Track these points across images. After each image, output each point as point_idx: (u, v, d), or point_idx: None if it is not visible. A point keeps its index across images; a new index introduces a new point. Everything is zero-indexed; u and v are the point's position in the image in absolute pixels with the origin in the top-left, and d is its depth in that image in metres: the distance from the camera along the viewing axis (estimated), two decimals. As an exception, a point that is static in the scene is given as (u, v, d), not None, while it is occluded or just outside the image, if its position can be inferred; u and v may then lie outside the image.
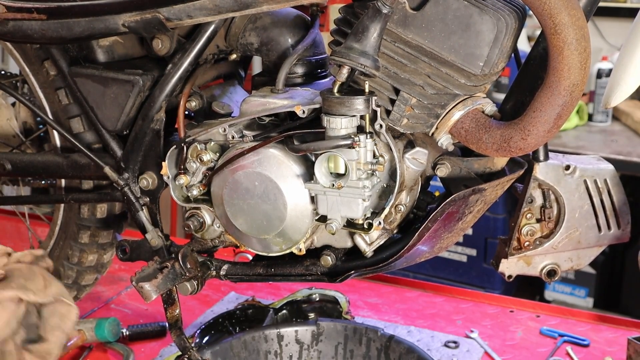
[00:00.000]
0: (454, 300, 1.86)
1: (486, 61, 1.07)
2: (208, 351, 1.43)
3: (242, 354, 1.45)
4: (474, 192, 1.17)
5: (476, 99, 1.12)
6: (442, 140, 1.13)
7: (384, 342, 1.39)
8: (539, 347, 1.63)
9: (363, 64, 1.05)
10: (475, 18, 1.05)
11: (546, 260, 1.32)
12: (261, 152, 1.20)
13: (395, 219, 1.23)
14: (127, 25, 1.24)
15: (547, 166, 1.26)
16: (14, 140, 1.73)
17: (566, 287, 3.42)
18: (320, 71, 1.34)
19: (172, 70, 1.30)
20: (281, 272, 1.31)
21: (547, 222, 1.29)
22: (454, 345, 1.62)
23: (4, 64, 3.24)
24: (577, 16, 1.00)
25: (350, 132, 1.11)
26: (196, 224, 1.31)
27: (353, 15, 1.13)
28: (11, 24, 1.32)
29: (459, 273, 3.27)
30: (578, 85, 1.03)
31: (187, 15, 1.20)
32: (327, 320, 1.48)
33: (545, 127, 1.06)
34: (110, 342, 1.60)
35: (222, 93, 1.43)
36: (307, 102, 1.18)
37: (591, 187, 1.28)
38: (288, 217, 1.20)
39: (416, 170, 1.21)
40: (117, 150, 1.39)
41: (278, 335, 1.47)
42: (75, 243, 1.58)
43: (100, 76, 1.36)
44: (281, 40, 1.31)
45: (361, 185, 1.12)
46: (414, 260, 1.29)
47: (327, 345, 1.45)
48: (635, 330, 1.67)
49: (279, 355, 1.47)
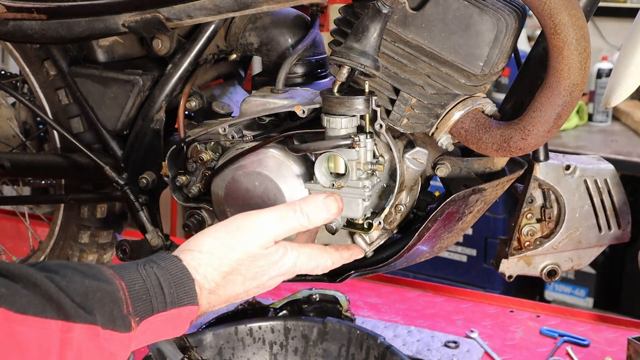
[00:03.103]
0: (454, 300, 1.86)
1: (486, 61, 1.07)
2: (210, 333, 1.43)
3: (246, 340, 1.46)
4: (474, 192, 1.17)
5: (476, 99, 1.12)
6: (442, 140, 1.13)
7: (381, 351, 1.39)
8: (539, 347, 1.63)
9: (363, 64, 1.05)
10: (475, 18, 1.05)
11: (546, 260, 1.32)
12: (261, 152, 1.20)
13: (395, 219, 1.23)
14: (127, 25, 1.24)
15: (547, 166, 1.26)
16: (14, 140, 1.73)
17: (566, 287, 3.42)
18: (320, 71, 1.34)
19: (172, 70, 1.30)
20: (281, 272, 1.31)
21: (548, 222, 1.29)
22: (454, 345, 1.62)
23: (4, 64, 3.24)
24: (577, 16, 1.00)
25: (350, 132, 1.11)
26: (196, 223, 1.31)
27: (353, 15, 1.13)
28: (11, 24, 1.32)
29: (459, 273, 3.27)
30: (578, 85, 1.03)
31: (187, 15, 1.20)
32: (334, 320, 1.48)
33: (545, 127, 1.05)
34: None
35: (222, 93, 1.43)
36: (307, 102, 1.18)
37: (591, 187, 1.28)
38: (288, 217, 1.20)
39: (416, 170, 1.21)
40: (117, 150, 1.39)
41: (285, 327, 1.47)
42: (75, 243, 1.58)
43: (100, 76, 1.36)
44: (281, 40, 1.31)
45: (361, 185, 1.12)
46: (414, 260, 1.29)
47: (332, 344, 1.46)
48: (635, 330, 1.67)
49: (284, 347, 1.47)
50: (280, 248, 0.98)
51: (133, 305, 0.85)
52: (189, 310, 0.90)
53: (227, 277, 0.94)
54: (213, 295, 0.94)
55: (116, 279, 0.86)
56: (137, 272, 0.88)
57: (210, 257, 0.94)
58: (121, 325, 0.84)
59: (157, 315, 0.87)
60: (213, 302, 0.95)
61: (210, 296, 0.94)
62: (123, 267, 0.88)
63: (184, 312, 0.90)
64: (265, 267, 0.97)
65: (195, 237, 0.96)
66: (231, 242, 0.95)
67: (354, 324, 1.52)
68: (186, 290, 0.90)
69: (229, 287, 0.95)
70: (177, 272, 0.90)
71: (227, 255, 0.94)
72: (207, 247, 0.94)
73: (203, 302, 0.93)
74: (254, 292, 0.99)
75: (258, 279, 0.97)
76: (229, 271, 0.94)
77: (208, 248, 0.94)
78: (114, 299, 0.84)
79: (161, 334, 0.90)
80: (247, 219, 0.97)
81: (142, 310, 0.86)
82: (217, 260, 0.94)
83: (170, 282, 0.89)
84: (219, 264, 0.93)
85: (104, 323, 0.82)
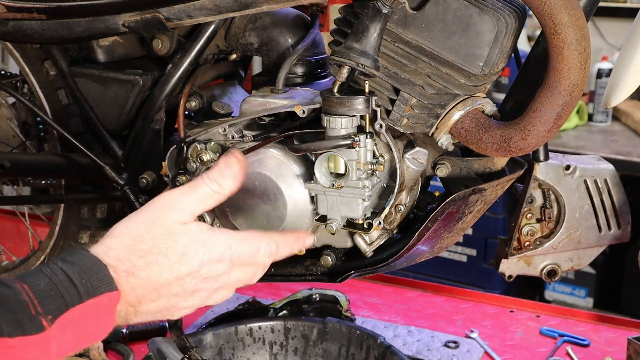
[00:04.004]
0: (454, 300, 1.86)
1: (486, 61, 1.07)
2: (210, 333, 1.43)
3: (246, 340, 1.46)
4: (474, 192, 1.17)
5: (476, 99, 1.12)
6: (442, 140, 1.13)
7: (381, 351, 1.39)
8: (539, 347, 1.63)
9: (363, 64, 1.05)
10: (475, 18, 1.05)
11: (546, 260, 1.32)
12: (261, 152, 1.20)
13: (395, 219, 1.23)
14: (127, 25, 1.24)
15: (547, 166, 1.26)
16: (14, 140, 1.73)
17: (566, 287, 3.42)
18: (320, 71, 1.34)
19: (172, 70, 1.30)
20: (281, 272, 1.31)
21: (547, 222, 1.29)
22: (454, 345, 1.62)
23: (4, 64, 3.24)
24: (577, 16, 1.00)
25: (350, 132, 1.11)
26: (196, 224, 1.31)
27: (353, 15, 1.13)
28: (11, 24, 1.32)
29: (459, 273, 3.27)
30: (578, 85, 1.03)
31: (187, 15, 1.20)
32: (334, 320, 1.48)
33: (545, 127, 1.06)
34: (110, 342, 1.60)
35: (222, 93, 1.43)
36: (307, 102, 1.18)
37: (591, 187, 1.28)
38: (288, 217, 1.20)
39: (416, 170, 1.21)
40: (117, 150, 1.39)
41: (285, 327, 1.47)
42: (75, 243, 1.58)
43: (100, 76, 1.36)
44: (281, 40, 1.31)
45: (361, 185, 1.12)
46: (414, 260, 1.29)
47: (332, 344, 1.46)
48: (635, 330, 1.67)
49: (284, 347, 1.47)
50: (204, 227, 0.92)
51: (41, 304, 0.80)
52: (108, 298, 0.84)
53: (146, 257, 0.88)
54: (133, 277, 0.87)
55: (17, 283, 0.81)
56: (41, 272, 0.83)
57: (122, 238, 0.89)
58: (31, 327, 0.78)
59: (73, 310, 0.82)
60: (137, 287, 0.88)
61: (131, 279, 0.87)
62: (25, 272, 0.83)
63: (103, 301, 0.84)
64: (190, 248, 0.90)
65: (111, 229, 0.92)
66: (144, 219, 0.90)
67: (354, 324, 1.52)
68: (100, 277, 0.84)
69: (153, 270, 0.88)
70: (86, 262, 0.85)
71: (140, 233, 0.89)
72: (118, 231, 0.90)
73: (125, 287, 0.87)
74: (191, 283, 0.91)
75: (188, 263, 0.90)
76: (147, 249, 0.88)
77: (120, 231, 0.90)
78: (17, 302, 0.79)
79: (85, 328, 0.84)
80: (160, 196, 0.93)
81: (53, 307, 0.81)
82: (130, 240, 0.89)
83: (81, 274, 0.83)
84: (132, 243, 0.88)
85: (10, 332, 0.77)
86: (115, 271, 0.86)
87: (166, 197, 0.93)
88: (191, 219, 0.92)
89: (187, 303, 0.93)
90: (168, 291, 0.90)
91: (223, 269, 0.93)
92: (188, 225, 0.92)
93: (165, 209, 0.91)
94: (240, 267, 0.95)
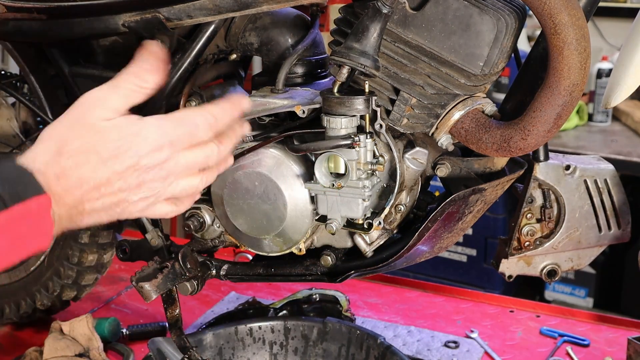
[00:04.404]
0: (454, 300, 1.86)
1: (486, 61, 1.07)
2: (210, 333, 1.43)
3: (246, 340, 1.46)
4: (474, 192, 1.17)
5: (476, 99, 1.12)
6: (442, 140, 1.13)
7: (381, 351, 1.39)
8: (539, 347, 1.63)
9: (363, 64, 1.05)
10: (475, 18, 1.05)
11: (546, 260, 1.32)
12: (261, 152, 1.20)
13: (395, 219, 1.23)
14: (127, 25, 1.24)
15: (547, 166, 1.26)
16: (14, 140, 1.73)
17: (566, 287, 3.42)
18: (320, 71, 1.34)
19: (172, 70, 1.30)
20: (281, 272, 1.31)
21: (547, 222, 1.29)
22: (454, 345, 1.62)
23: (4, 64, 3.24)
24: (577, 16, 1.00)
25: (350, 132, 1.11)
26: (196, 224, 1.31)
27: (353, 15, 1.13)
28: (11, 24, 1.32)
29: (459, 273, 3.27)
30: (578, 85, 1.03)
31: (187, 15, 1.20)
32: (334, 320, 1.48)
33: (545, 127, 1.06)
34: (110, 342, 1.60)
35: (222, 93, 1.43)
36: (307, 102, 1.18)
37: (591, 187, 1.28)
38: (288, 217, 1.20)
39: (416, 170, 1.21)
40: (117, 150, 1.39)
41: (285, 327, 1.47)
42: (75, 243, 1.58)
43: (100, 76, 1.36)
44: (281, 40, 1.31)
45: (361, 185, 1.12)
46: (414, 260, 1.29)
47: (332, 344, 1.46)
48: (635, 330, 1.67)
49: (284, 347, 1.47)
50: (133, 118, 0.90)
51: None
52: (37, 202, 0.82)
53: (75, 157, 0.85)
54: (65, 179, 0.84)
55: None
56: None
57: (47, 144, 0.86)
58: None
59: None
60: (72, 188, 0.85)
61: (63, 181, 0.84)
62: None
63: (32, 205, 0.81)
64: (122, 142, 0.87)
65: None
66: (67, 122, 0.88)
67: (354, 324, 1.52)
68: (26, 182, 0.82)
69: (85, 169, 0.85)
70: (10, 171, 0.82)
71: (65, 136, 0.86)
72: (44, 137, 0.87)
73: (57, 190, 0.84)
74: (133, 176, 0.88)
75: (123, 158, 0.86)
76: (74, 150, 0.85)
77: (46, 137, 0.87)
78: None
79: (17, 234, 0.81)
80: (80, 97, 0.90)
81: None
82: (55, 144, 0.86)
83: (3, 183, 0.80)
84: (59, 145, 0.85)
85: None
86: (44, 175, 0.83)
87: (86, 97, 0.89)
88: (116, 116, 0.89)
89: (138, 196, 0.89)
90: (110, 188, 0.87)
91: (165, 155, 0.89)
92: (114, 120, 0.88)
93: (87, 109, 0.88)
94: (186, 151, 0.91)
